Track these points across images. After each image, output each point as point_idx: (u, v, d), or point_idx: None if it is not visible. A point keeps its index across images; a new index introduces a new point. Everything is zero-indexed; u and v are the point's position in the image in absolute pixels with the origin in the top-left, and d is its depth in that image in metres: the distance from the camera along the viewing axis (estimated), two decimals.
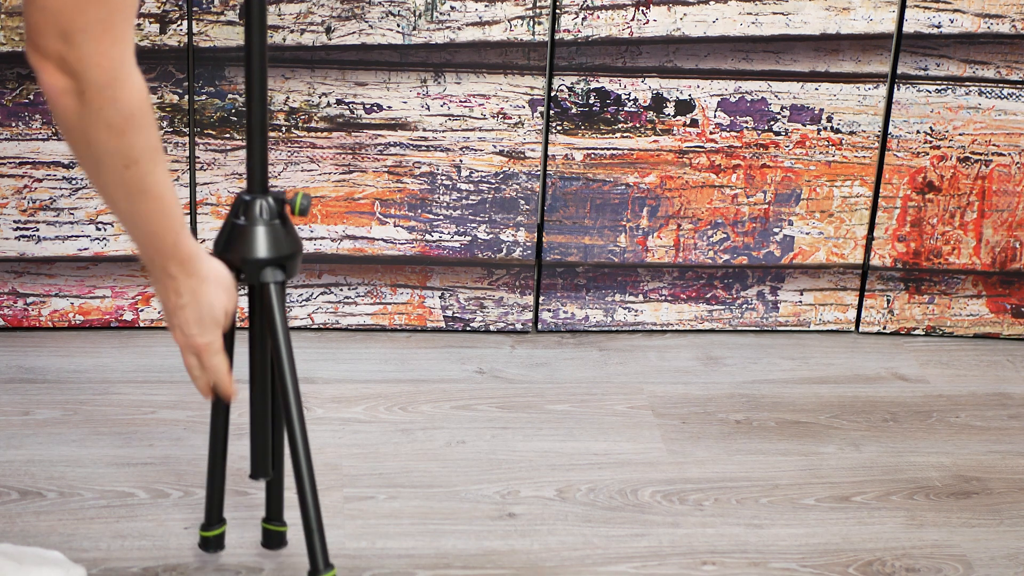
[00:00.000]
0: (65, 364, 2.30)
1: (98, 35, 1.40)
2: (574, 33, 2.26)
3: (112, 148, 1.47)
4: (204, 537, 1.85)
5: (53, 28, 1.39)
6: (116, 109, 1.44)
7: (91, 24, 1.40)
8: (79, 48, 1.40)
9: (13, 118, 2.24)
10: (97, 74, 1.42)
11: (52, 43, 1.40)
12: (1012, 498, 2.09)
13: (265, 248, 1.66)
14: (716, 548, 1.96)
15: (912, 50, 2.31)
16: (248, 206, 1.66)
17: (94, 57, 1.41)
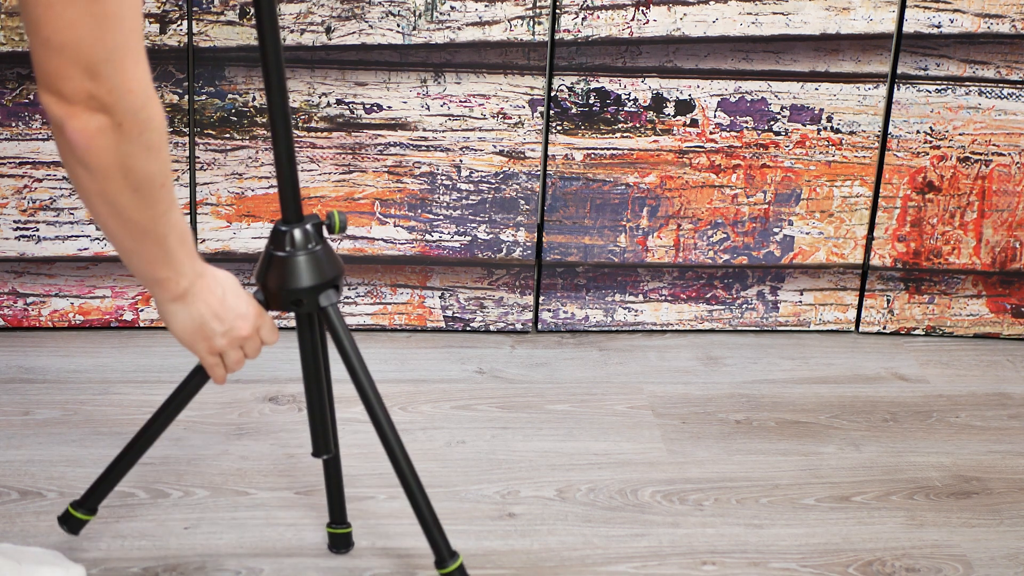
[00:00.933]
0: (65, 364, 2.30)
1: (122, 60, 1.34)
2: (574, 33, 2.26)
3: (153, 170, 1.42)
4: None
5: (76, 67, 1.32)
6: (153, 128, 1.39)
7: (113, 52, 1.33)
8: (108, 79, 1.33)
9: (13, 118, 2.24)
10: (131, 100, 1.35)
11: (78, 84, 1.32)
12: (1012, 498, 2.10)
13: (319, 274, 1.67)
14: (716, 548, 1.96)
15: (912, 50, 2.31)
16: (291, 236, 1.66)
17: (125, 83, 1.34)
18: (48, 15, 1.29)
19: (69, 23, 1.29)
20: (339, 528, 1.88)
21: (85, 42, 1.30)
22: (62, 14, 1.29)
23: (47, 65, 1.32)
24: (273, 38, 1.61)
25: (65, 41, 1.30)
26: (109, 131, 1.35)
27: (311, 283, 1.67)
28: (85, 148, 1.35)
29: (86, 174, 1.39)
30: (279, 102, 1.63)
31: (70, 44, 1.30)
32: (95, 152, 1.36)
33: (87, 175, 1.39)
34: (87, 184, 1.40)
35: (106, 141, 1.36)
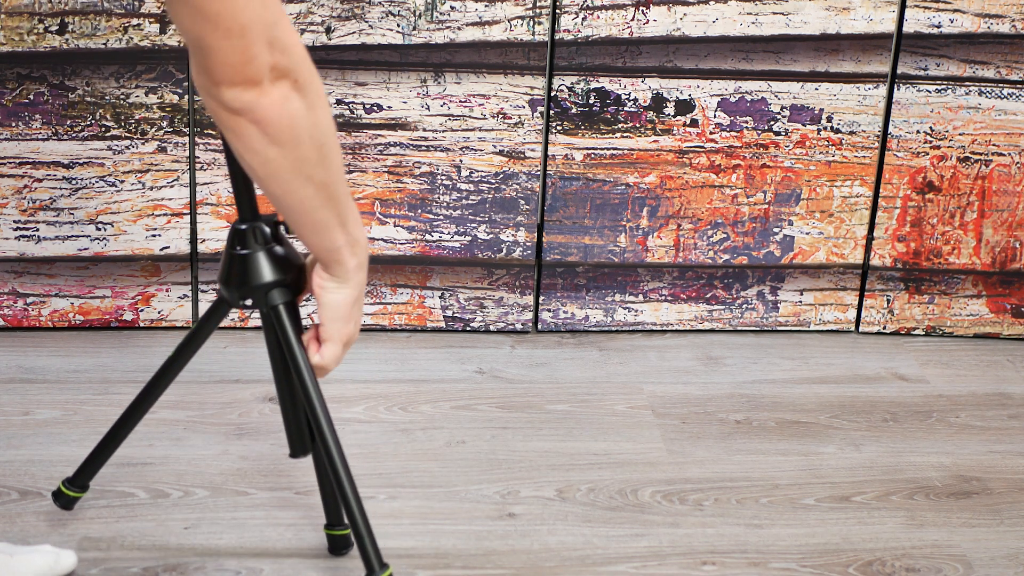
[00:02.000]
0: (65, 364, 2.30)
1: (283, 21, 1.38)
2: (574, 33, 2.26)
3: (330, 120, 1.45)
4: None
5: (259, 43, 1.35)
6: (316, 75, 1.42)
7: (278, 16, 1.36)
8: (281, 40, 1.37)
9: (13, 118, 2.24)
10: (300, 52, 1.39)
11: (264, 59, 1.36)
12: (1012, 498, 2.09)
13: (268, 273, 1.68)
14: (716, 548, 1.96)
15: (912, 50, 2.31)
16: (241, 235, 1.68)
17: (291, 37, 1.38)
18: (225, 5, 1.33)
19: (244, 5, 1.33)
20: (337, 530, 1.88)
21: (259, 16, 1.34)
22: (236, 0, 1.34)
23: (232, 56, 1.35)
24: None
25: (245, 22, 1.33)
26: (293, 93, 1.39)
27: (259, 281, 1.68)
28: (278, 119, 1.39)
29: (279, 152, 1.42)
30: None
31: (249, 23, 1.34)
32: (287, 120, 1.39)
33: (280, 152, 1.42)
34: (280, 164, 1.43)
35: (295, 104, 1.39)
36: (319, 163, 1.46)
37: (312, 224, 1.52)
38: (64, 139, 2.25)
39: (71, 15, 2.19)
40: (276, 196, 1.49)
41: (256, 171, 1.45)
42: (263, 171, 1.45)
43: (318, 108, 1.43)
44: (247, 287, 1.68)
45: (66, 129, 2.25)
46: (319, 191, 1.49)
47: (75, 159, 2.27)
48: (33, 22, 2.18)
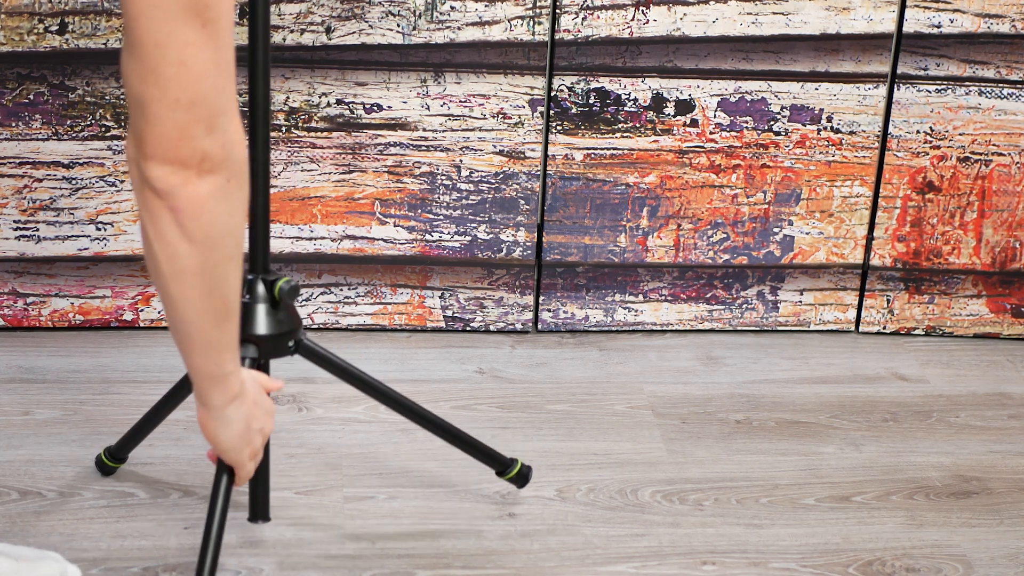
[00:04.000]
0: (65, 364, 2.30)
1: (232, 111, 1.28)
2: (574, 33, 2.26)
3: (243, 230, 1.35)
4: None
5: (200, 123, 1.26)
6: (247, 179, 1.33)
7: (228, 101, 1.27)
8: (224, 132, 1.27)
9: (13, 118, 2.24)
10: (240, 150, 1.30)
11: (199, 143, 1.26)
12: (1012, 498, 2.10)
13: (261, 326, 1.76)
14: (716, 548, 1.96)
15: (912, 50, 2.31)
16: (250, 284, 1.76)
17: (236, 134, 1.29)
18: (180, 72, 1.25)
19: (198, 76, 1.25)
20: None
21: (209, 94, 1.26)
22: (193, 69, 1.25)
23: (172, 130, 1.26)
24: (265, 100, 1.67)
25: (194, 97, 1.25)
26: (219, 191, 1.29)
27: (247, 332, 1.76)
28: (196, 215, 1.29)
29: (189, 248, 1.31)
30: (262, 159, 1.69)
31: (199, 98, 1.25)
32: (206, 218, 1.30)
33: (190, 250, 1.31)
34: (187, 263, 1.33)
35: (217, 204, 1.29)
36: (226, 273, 1.36)
37: (204, 341, 1.40)
38: (64, 139, 2.26)
39: (71, 15, 2.19)
40: (173, 299, 1.37)
41: (160, 265, 1.33)
42: (168, 267, 1.33)
43: (239, 216, 1.33)
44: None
45: (66, 129, 2.25)
46: (218, 306, 1.38)
47: (75, 159, 2.27)
48: (33, 22, 2.18)
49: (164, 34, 1.25)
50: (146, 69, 1.26)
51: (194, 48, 1.25)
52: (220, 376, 1.45)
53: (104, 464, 2.02)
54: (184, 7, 1.24)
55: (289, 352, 1.79)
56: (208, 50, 1.26)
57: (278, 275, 1.78)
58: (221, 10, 1.26)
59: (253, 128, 1.70)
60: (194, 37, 1.25)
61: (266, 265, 1.79)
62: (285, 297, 1.76)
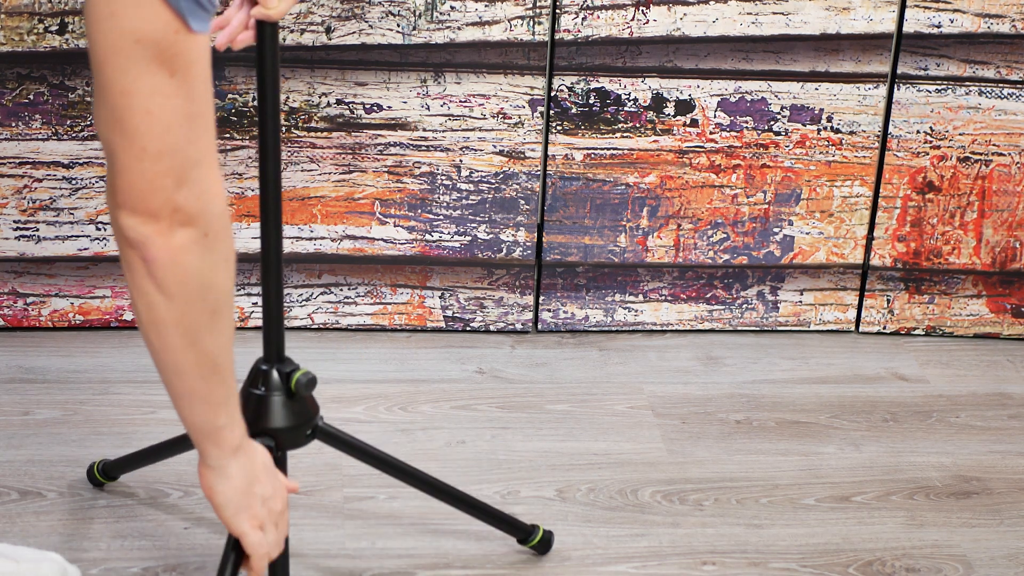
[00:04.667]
0: (65, 364, 2.30)
1: (209, 164, 1.25)
2: (574, 33, 2.26)
3: (229, 287, 1.31)
4: None
5: (170, 175, 1.22)
6: (230, 236, 1.30)
7: (203, 154, 1.24)
8: (197, 184, 1.24)
9: (13, 118, 2.24)
10: (217, 204, 1.26)
11: (169, 195, 1.23)
12: (1012, 498, 2.10)
13: (265, 418, 1.71)
14: (716, 548, 1.96)
15: (912, 50, 2.31)
16: (265, 375, 1.72)
17: (212, 188, 1.25)
18: (147, 122, 1.21)
19: (167, 127, 1.22)
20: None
21: (179, 146, 1.22)
22: (160, 119, 1.21)
23: (139, 180, 1.23)
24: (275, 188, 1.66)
25: (162, 148, 1.22)
26: (194, 244, 1.26)
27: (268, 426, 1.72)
28: (169, 267, 1.26)
29: (165, 301, 1.29)
30: (274, 237, 1.68)
31: (168, 149, 1.22)
32: (180, 271, 1.27)
33: (165, 302, 1.29)
34: (163, 314, 1.30)
35: (191, 257, 1.27)
36: (208, 328, 1.32)
37: (189, 394, 1.36)
38: (64, 139, 2.26)
39: (71, 15, 2.19)
40: (155, 350, 1.33)
41: (140, 315, 1.31)
42: (146, 316, 1.30)
43: (220, 270, 1.29)
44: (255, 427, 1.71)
45: (66, 129, 2.25)
46: (201, 359, 1.34)
47: (75, 159, 2.27)
48: (33, 22, 2.18)
49: (129, 81, 1.20)
50: (113, 117, 1.23)
51: (162, 97, 1.21)
52: (213, 430, 1.41)
53: (95, 478, 2.01)
54: (150, 55, 1.20)
55: (307, 441, 1.75)
56: (178, 100, 1.22)
57: (295, 366, 1.73)
58: (192, 59, 1.22)
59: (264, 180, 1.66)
60: (162, 86, 1.21)
61: (281, 354, 1.73)
62: (302, 390, 1.71)
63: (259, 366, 1.72)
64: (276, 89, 1.61)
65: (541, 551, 1.92)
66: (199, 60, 1.23)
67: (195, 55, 1.22)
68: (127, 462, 1.97)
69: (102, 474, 2.00)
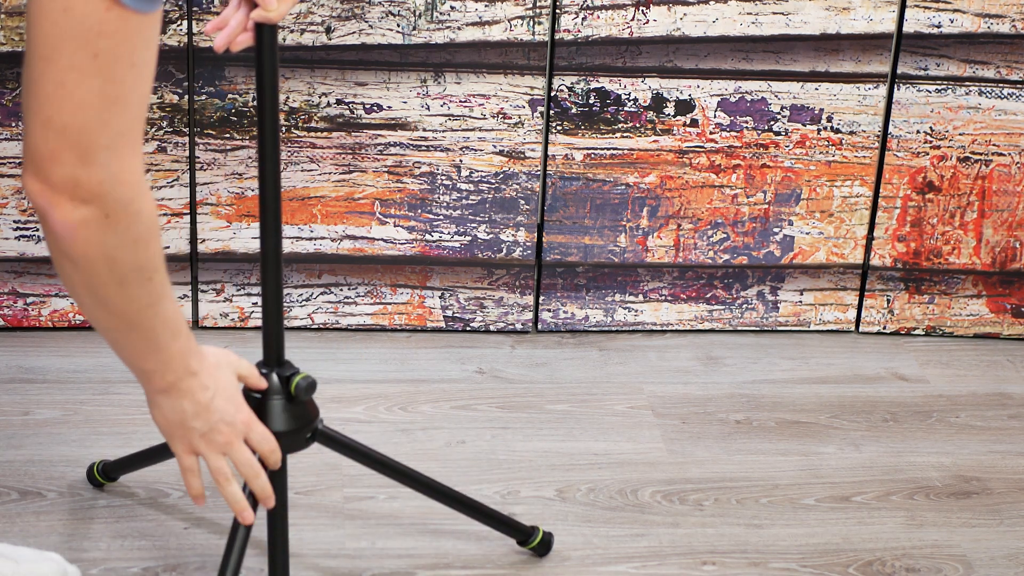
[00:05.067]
0: (65, 364, 2.30)
1: (122, 149, 1.23)
2: (574, 33, 2.26)
3: (141, 262, 1.32)
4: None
5: (72, 152, 1.21)
6: (141, 221, 1.29)
7: (115, 138, 1.23)
8: (103, 168, 1.23)
9: (13, 118, 2.24)
10: (122, 191, 1.25)
11: (69, 170, 1.22)
12: (1012, 498, 2.10)
13: (265, 422, 1.71)
14: (716, 548, 1.96)
15: (912, 50, 2.31)
16: (264, 379, 1.71)
17: (119, 174, 1.24)
18: (58, 94, 1.20)
19: (78, 104, 1.20)
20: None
21: (89, 125, 1.21)
22: (73, 93, 1.20)
23: (42, 147, 1.22)
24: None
25: (68, 123, 1.20)
26: (94, 223, 1.26)
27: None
28: (69, 240, 1.27)
29: (69, 264, 1.30)
30: (273, 240, 1.68)
31: (73, 126, 1.20)
32: (79, 244, 1.27)
33: (70, 266, 1.30)
34: (71, 275, 1.32)
35: (90, 233, 1.26)
36: (116, 295, 1.33)
37: (110, 340, 1.42)
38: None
39: None
40: (76, 302, 1.37)
41: (55, 267, 1.33)
42: (58, 272, 1.32)
43: (131, 248, 1.30)
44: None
45: None
46: (112, 318, 1.37)
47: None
48: None
49: (50, 49, 1.19)
50: (29, 77, 1.21)
51: (77, 74, 1.19)
52: (140, 372, 1.47)
53: (95, 478, 2.00)
54: (74, 32, 1.18)
55: (307, 444, 1.75)
56: (95, 80, 1.20)
57: (295, 370, 1.73)
58: (121, 39, 1.19)
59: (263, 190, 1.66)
60: (81, 63, 1.19)
61: (280, 358, 1.74)
62: (302, 394, 1.71)
63: (259, 370, 1.72)
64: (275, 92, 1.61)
65: (541, 552, 1.92)
66: (131, 41, 1.20)
67: (126, 35, 1.19)
68: (127, 463, 1.97)
69: (102, 474, 1.99)
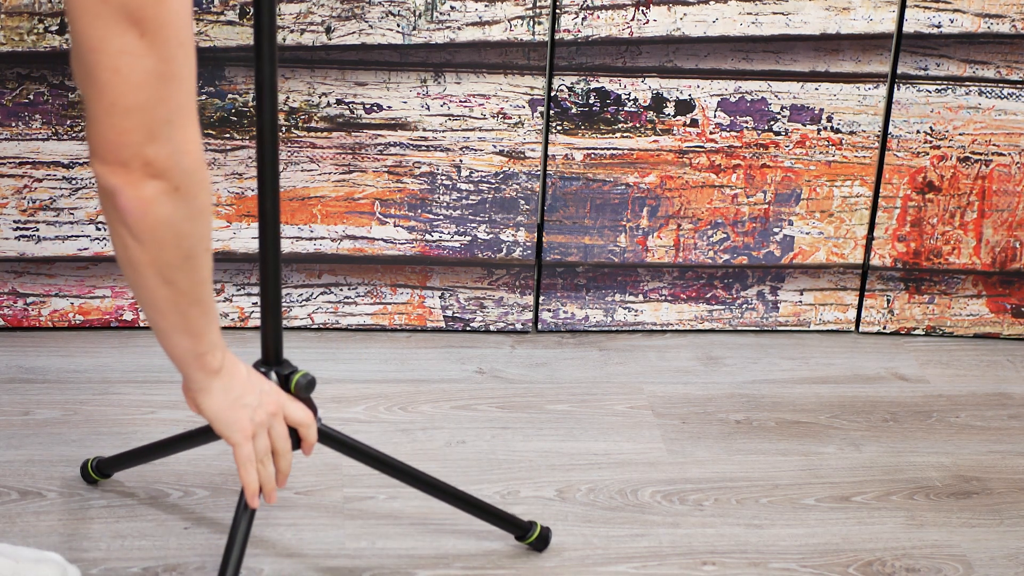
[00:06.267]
0: (65, 364, 2.30)
1: (182, 121, 1.29)
2: (574, 33, 2.26)
3: (202, 232, 1.37)
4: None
5: (140, 130, 1.26)
6: (205, 189, 1.34)
7: (175, 112, 1.28)
8: (169, 141, 1.28)
9: (13, 118, 2.24)
10: (188, 161, 1.31)
11: (139, 149, 1.27)
12: (1012, 498, 2.10)
13: None
14: (716, 548, 1.96)
15: (912, 50, 2.31)
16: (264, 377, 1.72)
17: (183, 145, 1.30)
18: (115, 79, 1.25)
19: (137, 85, 1.25)
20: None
21: (151, 103, 1.26)
22: (129, 77, 1.25)
23: (109, 132, 1.27)
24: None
25: (131, 104, 1.25)
26: (165, 196, 1.31)
27: None
28: (141, 216, 1.31)
29: (137, 245, 1.34)
30: (272, 239, 1.68)
31: (136, 106, 1.26)
32: (151, 220, 1.31)
33: (138, 246, 1.34)
34: (137, 256, 1.35)
35: (162, 208, 1.31)
36: (182, 269, 1.38)
37: (167, 325, 1.44)
38: (64, 139, 2.26)
39: None
40: (133, 286, 1.40)
41: (117, 252, 1.37)
42: (122, 256, 1.37)
43: (195, 220, 1.35)
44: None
45: (66, 129, 2.25)
46: (178, 296, 1.41)
47: (75, 159, 2.27)
48: (33, 22, 2.18)
49: (98, 39, 1.23)
50: (84, 70, 1.26)
51: (131, 57, 1.24)
52: (195, 357, 1.48)
53: (88, 475, 2.00)
54: (118, 15, 1.22)
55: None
56: (148, 60, 1.25)
57: (293, 368, 1.74)
58: (165, 19, 1.24)
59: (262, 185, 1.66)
60: (131, 46, 1.23)
61: (279, 356, 1.74)
62: (301, 392, 1.72)
63: (257, 368, 1.72)
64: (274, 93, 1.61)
65: (539, 547, 1.92)
66: (173, 22, 1.25)
67: (168, 16, 1.24)
68: (122, 460, 1.97)
69: (96, 471, 1.99)
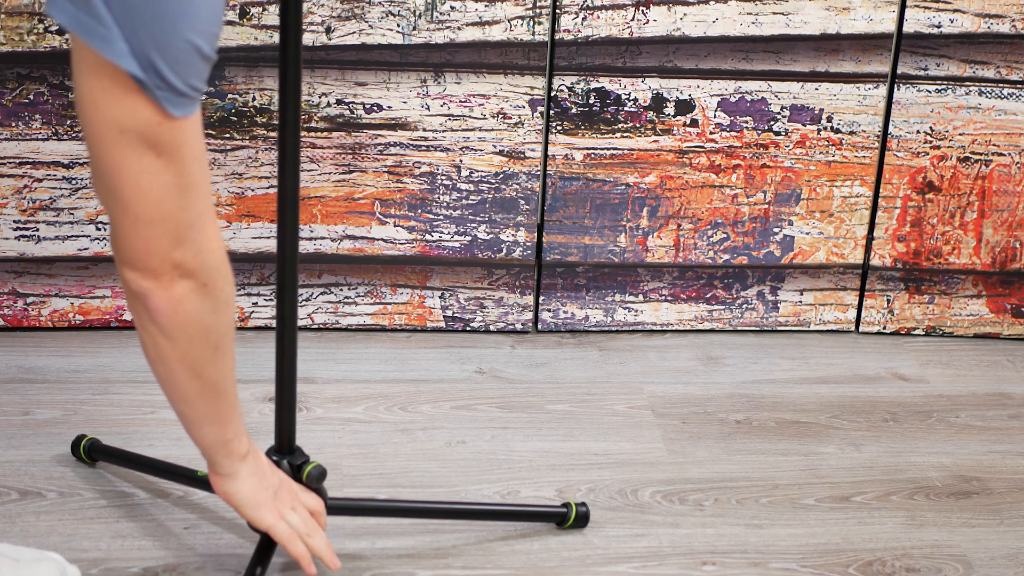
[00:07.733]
0: (65, 364, 2.30)
1: (204, 222, 1.35)
2: (574, 33, 2.26)
3: (228, 324, 1.43)
4: None
5: (165, 238, 1.33)
6: (229, 282, 1.40)
7: (197, 216, 1.34)
8: (194, 243, 1.35)
9: (13, 118, 2.24)
10: (213, 258, 1.37)
11: (167, 254, 1.34)
12: (1012, 498, 2.10)
13: None
14: (716, 548, 1.96)
15: (912, 50, 2.31)
16: (276, 467, 1.74)
17: (207, 243, 1.36)
18: (138, 196, 1.30)
19: (159, 199, 1.31)
20: None
21: (174, 212, 1.32)
22: (151, 192, 1.30)
23: (136, 242, 1.33)
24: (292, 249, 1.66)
25: (155, 216, 1.31)
26: (194, 294, 1.37)
27: None
28: (171, 314, 1.36)
29: (168, 343, 1.40)
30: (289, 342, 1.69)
31: (160, 217, 1.31)
32: (181, 317, 1.37)
33: (169, 343, 1.40)
34: (168, 352, 1.41)
35: (191, 304, 1.37)
36: (210, 362, 1.44)
37: (196, 416, 1.51)
38: (64, 139, 2.26)
39: None
40: (163, 380, 1.46)
41: (147, 351, 1.43)
42: (153, 353, 1.43)
43: (220, 313, 1.41)
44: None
45: (66, 129, 2.25)
46: (205, 387, 1.47)
47: (75, 159, 2.27)
48: (33, 22, 2.18)
49: (118, 163, 1.29)
50: (107, 189, 1.32)
51: (150, 175, 1.30)
52: (222, 444, 1.55)
53: (78, 453, 2.02)
54: (135, 142, 1.28)
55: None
56: (167, 175, 1.31)
57: (305, 458, 1.77)
58: (180, 140, 1.30)
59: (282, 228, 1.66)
60: (151, 166, 1.29)
61: (291, 445, 1.77)
62: (312, 483, 1.76)
63: (270, 456, 1.74)
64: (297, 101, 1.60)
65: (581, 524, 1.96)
66: (187, 141, 1.31)
67: (182, 138, 1.30)
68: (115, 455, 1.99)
69: (86, 453, 2.01)
